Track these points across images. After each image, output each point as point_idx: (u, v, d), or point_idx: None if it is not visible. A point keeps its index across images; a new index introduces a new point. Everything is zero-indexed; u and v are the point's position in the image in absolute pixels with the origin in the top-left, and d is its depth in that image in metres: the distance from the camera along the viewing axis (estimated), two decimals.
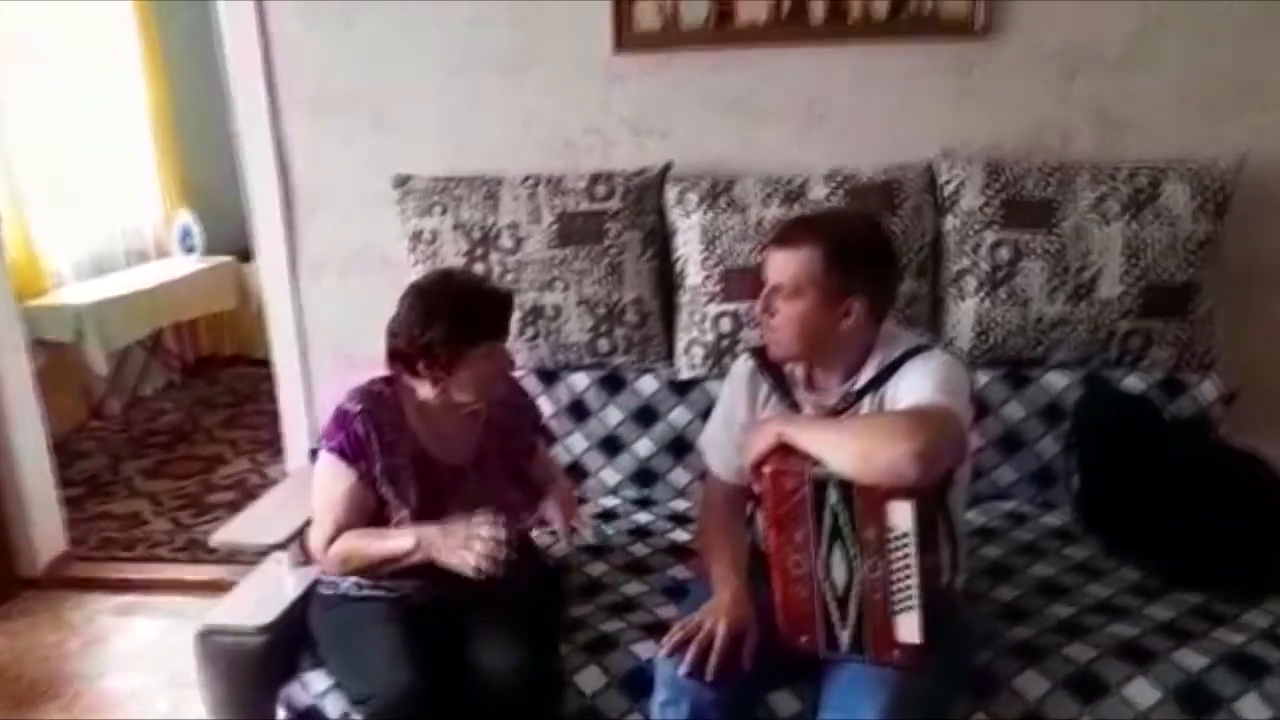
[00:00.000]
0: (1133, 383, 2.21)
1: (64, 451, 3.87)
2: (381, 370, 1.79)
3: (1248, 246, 2.27)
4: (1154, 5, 2.25)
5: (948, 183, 2.24)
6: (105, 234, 4.52)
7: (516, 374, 2.18)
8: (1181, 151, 2.23)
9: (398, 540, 1.67)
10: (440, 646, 1.68)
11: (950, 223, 2.24)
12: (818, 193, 2.24)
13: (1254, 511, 1.87)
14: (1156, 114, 2.30)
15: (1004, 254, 2.18)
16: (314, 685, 1.75)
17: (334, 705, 1.73)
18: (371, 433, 1.72)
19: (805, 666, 1.60)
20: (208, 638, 1.81)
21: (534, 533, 1.98)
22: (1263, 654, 1.65)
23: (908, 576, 1.46)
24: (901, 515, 1.44)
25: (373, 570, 1.72)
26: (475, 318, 1.69)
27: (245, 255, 4.60)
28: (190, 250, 4.71)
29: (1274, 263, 2.34)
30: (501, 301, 1.76)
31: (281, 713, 1.77)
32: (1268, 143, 2.26)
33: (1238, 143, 2.22)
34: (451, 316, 1.67)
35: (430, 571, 1.67)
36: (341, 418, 1.74)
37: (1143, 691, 1.61)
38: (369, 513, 1.73)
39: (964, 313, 2.23)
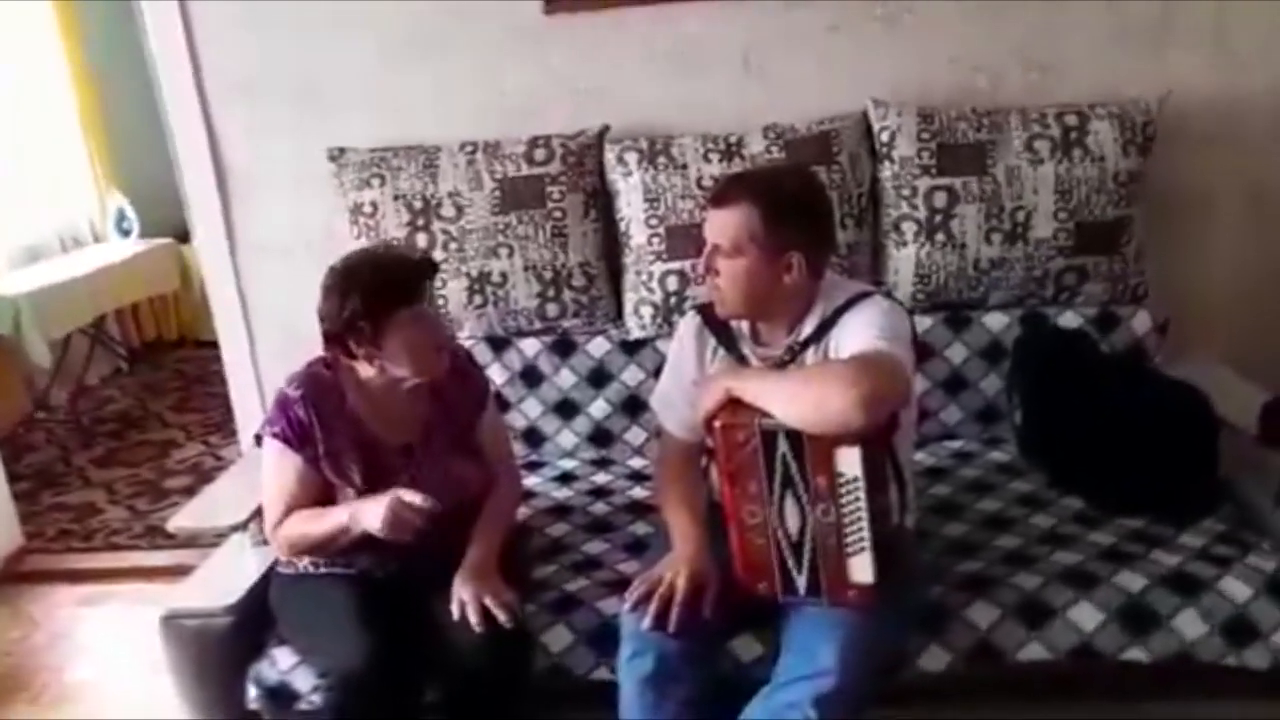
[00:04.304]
0: (1069, 319, 2.26)
1: (11, 445, 3.81)
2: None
3: (1171, 180, 2.33)
4: None
5: (882, 131, 2.26)
6: (36, 221, 4.40)
7: (467, 342, 2.19)
8: (1108, 89, 2.28)
9: (334, 517, 1.69)
10: (400, 618, 1.69)
11: (887, 170, 2.27)
12: (755, 147, 2.25)
13: (1187, 437, 1.94)
14: (1081, 54, 2.34)
15: (940, 199, 2.22)
16: (282, 661, 1.77)
17: (303, 679, 1.75)
18: (313, 417, 1.72)
19: (765, 612, 1.65)
20: (172, 621, 1.81)
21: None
22: (1198, 572, 1.73)
23: (859, 519, 1.50)
24: (850, 461, 1.48)
25: (321, 550, 1.73)
26: (389, 284, 1.68)
27: (183, 236, 4.52)
28: (126, 233, 4.60)
29: (1197, 194, 2.40)
30: (415, 265, 1.75)
31: (252, 690, 1.78)
32: (1187, 77, 2.31)
33: (1159, 78, 2.28)
34: (365, 286, 1.66)
35: (387, 546, 1.69)
36: (283, 403, 1.74)
37: (1086, 614, 1.69)
38: (318, 495, 1.74)
39: (904, 259, 2.26)
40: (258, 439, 1.81)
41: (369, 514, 1.62)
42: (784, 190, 1.67)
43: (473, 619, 1.64)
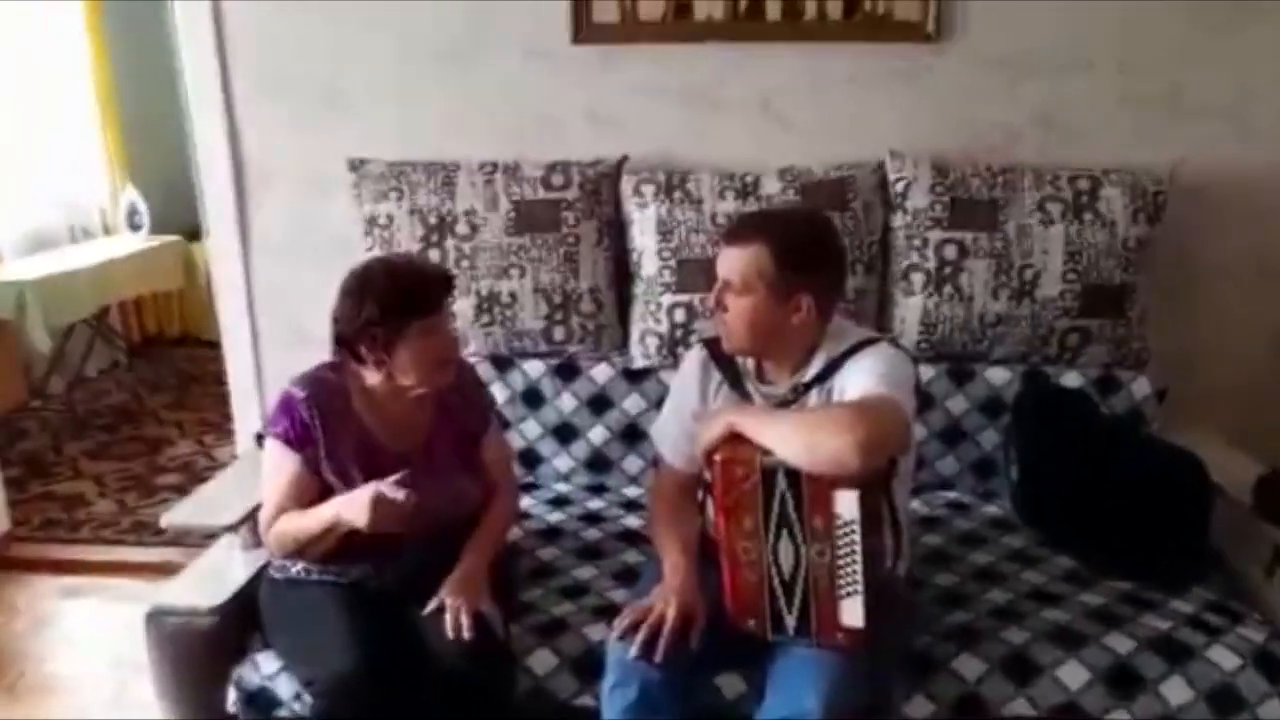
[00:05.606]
0: (1071, 378, 2.27)
1: (3, 431, 3.80)
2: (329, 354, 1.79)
3: (1178, 248, 2.35)
4: (1093, 13, 2.31)
5: (897, 182, 2.29)
6: (47, 210, 4.42)
7: (472, 359, 2.20)
8: (1121, 155, 2.31)
9: (321, 513, 1.67)
10: (390, 629, 1.69)
11: (899, 220, 2.29)
12: (771, 188, 2.28)
13: (1182, 504, 1.95)
14: (1097, 119, 2.38)
15: (950, 252, 2.24)
16: (265, 666, 1.76)
17: (285, 686, 1.74)
18: (316, 419, 1.73)
19: (752, 649, 1.64)
20: (157, 618, 1.81)
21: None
22: (1187, 639, 1.73)
23: (852, 563, 1.50)
24: (847, 504, 1.48)
25: (312, 549, 1.71)
26: (407, 294, 1.70)
27: (192, 234, 4.53)
28: (137, 228, 4.62)
29: (1203, 264, 2.43)
30: (434, 279, 1.77)
31: (232, 694, 1.78)
32: (1200, 147, 2.34)
33: (1172, 147, 2.31)
34: (384, 294, 1.68)
35: (378, 555, 1.68)
36: (287, 404, 1.75)
37: (1073, 673, 1.69)
38: (313, 498, 1.73)
39: (911, 308, 2.28)
40: (259, 439, 1.82)
41: (353, 508, 1.62)
42: (798, 233, 1.69)
43: (450, 625, 1.63)
